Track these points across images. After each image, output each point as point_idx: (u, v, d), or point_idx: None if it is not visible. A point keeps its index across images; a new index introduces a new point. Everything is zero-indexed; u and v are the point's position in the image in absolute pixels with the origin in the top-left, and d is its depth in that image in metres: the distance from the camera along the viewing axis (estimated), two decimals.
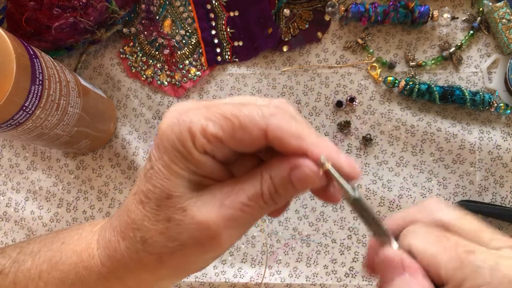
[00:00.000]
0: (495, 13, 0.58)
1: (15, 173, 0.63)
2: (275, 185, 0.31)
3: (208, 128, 0.30)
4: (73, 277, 0.37)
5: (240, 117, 0.30)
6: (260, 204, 0.31)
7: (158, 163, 0.32)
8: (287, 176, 0.30)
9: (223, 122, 0.30)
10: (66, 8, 0.52)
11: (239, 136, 0.30)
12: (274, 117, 0.30)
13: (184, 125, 0.31)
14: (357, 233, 0.58)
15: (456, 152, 0.58)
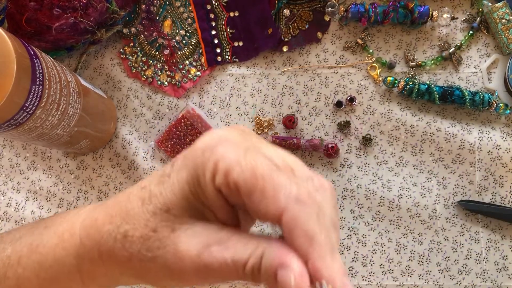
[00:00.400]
0: (495, 13, 0.58)
1: (15, 173, 0.63)
2: (260, 268, 0.28)
3: (232, 173, 0.28)
4: (51, 259, 0.36)
5: (267, 182, 0.28)
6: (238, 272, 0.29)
7: (176, 176, 0.31)
8: (273, 267, 0.28)
9: (249, 176, 0.28)
10: (67, 9, 0.52)
11: (255, 200, 0.28)
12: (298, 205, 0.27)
13: (214, 156, 0.29)
14: (356, 233, 0.58)
15: (456, 152, 0.58)
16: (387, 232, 0.58)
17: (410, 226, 0.58)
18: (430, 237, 0.58)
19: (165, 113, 0.62)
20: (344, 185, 0.59)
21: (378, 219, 0.58)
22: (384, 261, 0.58)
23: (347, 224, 0.58)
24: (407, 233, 0.58)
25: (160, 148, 0.60)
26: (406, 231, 0.58)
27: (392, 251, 0.58)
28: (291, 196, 0.27)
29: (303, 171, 0.29)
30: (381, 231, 0.58)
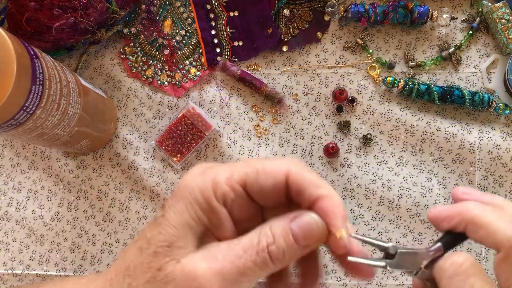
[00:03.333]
0: (494, 13, 0.58)
1: (16, 173, 0.63)
2: (274, 235, 0.30)
3: (234, 176, 0.31)
4: None
5: (264, 163, 0.31)
6: (254, 257, 0.30)
7: (170, 210, 0.32)
8: (287, 226, 0.30)
9: (248, 169, 0.31)
10: (67, 9, 0.52)
11: (262, 180, 0.31)
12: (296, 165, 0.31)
13: (208, 176, 0.32)
14: (356, 232, 0.58)
15: (456, 152, 0.58)
16: (387, 232, 0.58)
17: (410, 226, 0.58)
18: (430, 237, 0.58)
19: (165, 113, 0.62)
20: (344, 185, 0.59)
21: (378, 219, 0.58)
22: None
23: None
24: (407, 233, 0.58)
25: (161, 148, 0.60)
26: (406, 230, 0.58)
27: None
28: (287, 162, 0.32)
29: None
30: (381, 230, 0.58)
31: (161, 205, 0.34)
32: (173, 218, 0.31)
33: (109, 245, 0.61)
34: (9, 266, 0.62)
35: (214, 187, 0.31)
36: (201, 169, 0.33)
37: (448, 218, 0.34)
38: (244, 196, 0.32)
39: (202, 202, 0.31)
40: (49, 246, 0.62)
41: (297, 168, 0.31)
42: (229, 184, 0.31)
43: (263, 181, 0.31)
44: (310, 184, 0.31)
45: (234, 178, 0.31)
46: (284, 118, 0.61)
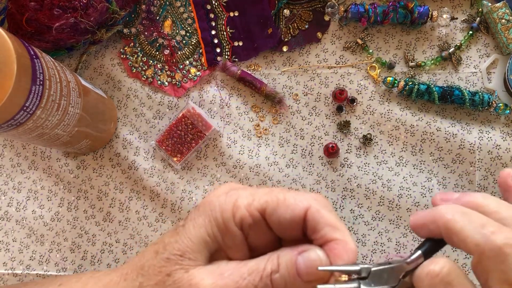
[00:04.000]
0: (494, 13, 0.58)
1: (16, 173, 0.63)
2: (279, 265, 0.31)
3: (254, 202, 0.33)
4: None
5: (286, 195, 0.33)
6: (257, 282, 0.31)
7: (191, 223, 0.34)
8: (293, 258, 0.31)
9: (269, 197, 0.33)
10: (67, 9, 0.52)
11: (282, 211, 0.32)
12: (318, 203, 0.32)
13: (231, 198, 0.33)
14: (356, 232, 0.58)
15: (456, 152, 0.58)
16: (387, 232, 0.58)
17: None
18: None
19: (165, 113, 0.62)
20: (344, 185, 0.59)
21: (378, 219, 0.58)
22: (384, 260, 0.58)
23: (347, 224, 0.59)
24: (407, 233, 0.58)
25: (161, 148, 0.60)
26: (406, 230, 0.58)
27: (392, 251, 0.58)
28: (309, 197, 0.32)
29: None
30: (381, 230, 0.58)
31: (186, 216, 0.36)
32: (191, 231, 0.33)
33: (109, 245, 0.61)
34: (9, 266, 0.62)
35: (234, 210, 0.33)
36: (227, 189, 0.34)
37: (424, 226, 0.34)
38: (262, 224, 0.33)
39: (221, 222, 0.33)
40: (49, 246, 0.62)
41: (318, 206, 0.32)
42: (249, 210, 0.32)
43: (282, 213, 0.32)
44: (327, 224, 0.32)
45: (254, 204, 0.32)
46: (284, 118, 0.61)
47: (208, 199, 0.34)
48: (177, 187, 0.61)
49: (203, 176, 0.61)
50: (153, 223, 0.61)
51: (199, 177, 0.61)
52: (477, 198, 0.33)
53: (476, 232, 0.30)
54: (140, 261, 0.34)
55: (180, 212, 0.60)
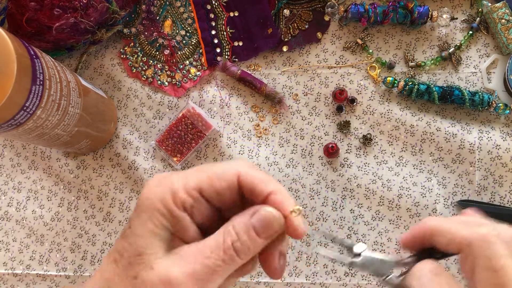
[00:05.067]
0: (494, 13, 0.58)
1: (16, 173, 0.63)
2: (237, 233, 0.33)
3: (189, 183, 0.33)
4: None
5: (215, 169, 0.34)
6: (222, 256, 0.32)
7: (135, 222, 0.34)
8: (248, 221, 0.33)
9: (201, 175, 0.34)
10: (67, 9, 0.52)
11: (216, 184, 0.33)
12: (245, 166, 0.34)
13: (165, 186, 0.34)
14: (356, 232, 0.58)
15: (456, 152, 0.58)
16: (387, 232, 0.58)
17: (410, 226, 0.58)
18: None
19: (165, 113, 0.62)
20: (344, 185, 0.59)
21: (378, 219, 0.58)
22: None
23: (347, 224, 0.59)
24: None
25: (161, 148, 0.60)
26: (406, 230, 0.58)
27: (392, 251, 0.58)
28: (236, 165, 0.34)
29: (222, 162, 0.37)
30: (380, 230, 0.58)
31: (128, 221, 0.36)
32: (139, 228, 0.34)
33: (109, 245, 0.61)
34: (9, 266, 0.62)
35: (172, 196, 0.33)
36: (156, 181, 0.35)
37: (414, 238, 0.36)
38: (202, 201, 0.34)
39: (164, 211, 0.33)
40: (49, 246, 0.62)
41: (246, 169, 0.34)
42: (187, 191, 0.33)
43: (216, 185, 0.33)
44: (259, 182, 0.33)
45: (190, 185, 0.33)
46: (284, 118, 0.61)
47: (143, 196, 0.35)
48: None
49: None
50: None
51: None
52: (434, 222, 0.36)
53: (463, 228, 0.33)
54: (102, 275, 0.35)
55: None
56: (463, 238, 0.33)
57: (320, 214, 0.59)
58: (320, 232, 0.36)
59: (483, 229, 0.32)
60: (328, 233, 0.35)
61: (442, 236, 0.34)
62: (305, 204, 0.59)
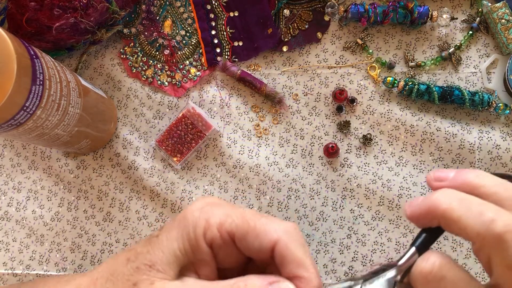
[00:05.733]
0: (494, 13, 0.58)
1: (16, 173, 0.63)
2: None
3: (225, 224, 0.33)
4: None
5: (257, 222, 0.33)
6: None
7: (165, 235, 0.34)
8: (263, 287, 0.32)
9: (241, 222, 0.33)
10: (67, 9, 0.52)
11: (250, 239, 0.33)
12: (287, 235, 0.32)
13: (204, 214, 0.34)
14: (356, 232, 0.58)
15: (456, 152, 0.58)
16: (387, 232, 0.58)
17: (410, 226, 0.58)
18: None
19: (165, 113, 0.62)
20: (344, 185, 0.59)
21: (377, 219, 0.58)
22: (383, 260, 0.58)
23: (347, 224, 0.59)
24: (407, 233, 0.58)
25: (161, 148, 0.60)
26: (406, 230, 0.58)
27: (391, 251, 0.58)
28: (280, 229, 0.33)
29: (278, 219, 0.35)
30: (380, 230, 0.58)
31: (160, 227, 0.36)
32: (164, 243, 0.34)
33: (109, 245, 0.61)
34: (9, 266, 0.62)
35: (205, 228, 0.33)
36: (203, 204, 0.34)
37: (421, 216, 0.33)
38: (231, 245, 0.33)
39: (192, 237, 0.33)
40: (49, 246, 0.62)
41: (288, 239, 0.32)
42: (220, 230, 0.33)
43: (250, 241, 0.33)
44: (293, 260, 0.32)
45: (225, 226, 0.33)
46: (284, 118, 0.61)
47: (183, 213, 0.35)
48: (177, 187, 0.61)
49: (203, 176, 0.61)
50: (153, 223, 0.61)
51: (199, 177, 0.61)
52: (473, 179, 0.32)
53: (476, 221, 0.30)
54: (111, 267, 0.35)
55: (180, 212, 0.60)
56: (477, 234, 0.29)
57: (320, 214, 0.59)
58: None
59: (498, 225, 0.29)
60: None
61: (452, 225, 0.31)
62: (305, 204, 0.59)
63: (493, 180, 0.32)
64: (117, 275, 0.34)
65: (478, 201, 0.31)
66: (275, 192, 0.60)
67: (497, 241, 0.29)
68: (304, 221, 0.59)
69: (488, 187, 0.31)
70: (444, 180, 0.33)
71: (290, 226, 0.34)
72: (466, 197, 0.31)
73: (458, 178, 0.33)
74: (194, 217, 0.34)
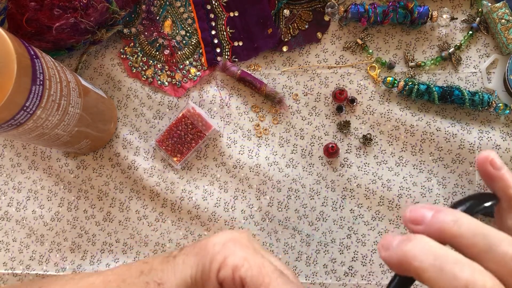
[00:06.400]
0: (494, 13, 0.58)
1: (16, 173, 0.63)
2: None
3: (241, 269, 0.32)
4: None
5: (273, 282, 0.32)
6: None
7: (182, 258, 0.34)
8: None
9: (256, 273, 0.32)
10: (67, 9, 0.52)
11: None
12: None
13: (224, 251, 0.33)
14: (356, 232, 0.58)
15: (456, 152, 0.58)
16: (387, 232, 0.58)
17: None
18: None
19: (165, 113, 0.62)
20: (344, 185, 0.59)
21: (377, 219, 0.58)
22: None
23: (347, 224, 0.59)
24: (406, 233, 0.58)
25: (161, 148, 0.60)
26: (406, 230, 0.58)
27: None
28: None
29: None
30: (380, 230, 0.58)
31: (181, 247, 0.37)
32: (179, 266, 0.34)
33: (109, 245, 0.61)
34: (9, 266, 0.62)
35: (221, 265, 0.33)
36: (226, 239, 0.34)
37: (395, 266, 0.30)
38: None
39: (207, 270, 0.33)
40: (49, 246, 0.62)
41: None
42: (234, 273, 0.32)
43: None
44: None
45: (241, 272, 0.32)
46: (284, 118, 0.61)
47: (205, 242, 0.35)
48: (177, 187, 0.61)
49: (203, 176, 0.61)
50: (153, 222, 0.61)
51: (199, 177, 0.61)
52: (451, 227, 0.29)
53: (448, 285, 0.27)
54: (125, 274, 0.35)
55: (180, 212, 0.60)
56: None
57: (320, 214, 0.59)
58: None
59: None
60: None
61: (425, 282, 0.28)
62: (305, 204, 0.59)
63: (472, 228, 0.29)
64: (127, 284, 0.34)
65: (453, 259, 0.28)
66: (275, 192, 0.60)
67: None
68: (304, 221, 0.59)
69: (466, 239, 0.29)
70: (420, 223, 0.30)
71: None
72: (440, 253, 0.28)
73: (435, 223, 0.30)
74: (214, 250, 0.34)
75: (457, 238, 0.29)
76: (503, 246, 0.27)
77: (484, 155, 0.33)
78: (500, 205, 0.33)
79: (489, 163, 0.33)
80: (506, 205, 0.32)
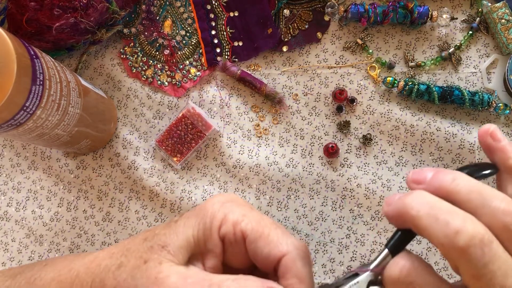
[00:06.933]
0: (494, 13, 0.58)
1: (16, 173, 0.63)
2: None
3: (241, 223, 0.34)
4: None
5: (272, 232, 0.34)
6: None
7: (183, 221, 0.36)
8: None
9: (256, 225, 0.34)
10: (67, 9, 0.52)
11: (260, 245, 0.34)
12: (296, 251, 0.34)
13: (224, 209, 0.35)
14: (355, 232, 0.58)
15: (456, 152, 0.58)
16: (386, 232, 0.58)
17: None
18: None
19: (165, 113, 0.62)
20: (344, 185, 0.59)
21: (377, 219, 0.58)
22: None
23: (346, 224, 0.59)
24: None
25: (161, 148, 0.60)
26: None
27: None
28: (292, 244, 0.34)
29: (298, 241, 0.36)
30: (379, 230, 0.58)
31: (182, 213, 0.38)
32: (180, 228, 0.35)
33: (108, 245, 0.61)
34: (8, 266, 0.62)
35: (222, 221, 0.34)
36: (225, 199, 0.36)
37: (394, 218, 0.32)
38: (241, 245, 0.35)
39: (208, 227, 0.34)
40: (48, 246, 0.62)
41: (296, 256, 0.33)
42: (234, 228, 0.34)
43: (260, 246, 0.34)
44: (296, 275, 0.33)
45: (241, 226, 0.34)
46: (284, 118, 0.61)
47: (205, 204, 0.36)
48: (177, 187, 0.61)
49: (203, 176, 0.61)
50: (152, 222, 0.61)
51: (199, 177, 0.61)
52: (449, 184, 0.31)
53: (441, 232, 0.29)
54: (128, 244, 0.36)
55: (179, 212, 0.60)
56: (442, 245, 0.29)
57: (319, 214, 0.59)
58: None
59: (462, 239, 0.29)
60: None
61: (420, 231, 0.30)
62: (305, 204, 0.59)
63: (468, 185, 0.31)
64: (132, 251, 0.35)
65: (447, 209, 0.30)
66: (274, 192, 0.60)
67: (460, 253, 0.29)
68: (303, 220, 0.59)
69: (462, 195, 0.31)
70: (422, 182, 0.33)
71: (303, 245, 0.35)
72: (436, 204, 0.30)
73: (435, 181, 0.32)
74: (213, 209, 0.35)
75: (454, 194, 0.31)
76: (495, 202, 0.30)
77: (484, 128, 0.35)
78: (500, 175, 0.34)
79: (490, 135, 0.34)
80: (505, 175, 0.34)
